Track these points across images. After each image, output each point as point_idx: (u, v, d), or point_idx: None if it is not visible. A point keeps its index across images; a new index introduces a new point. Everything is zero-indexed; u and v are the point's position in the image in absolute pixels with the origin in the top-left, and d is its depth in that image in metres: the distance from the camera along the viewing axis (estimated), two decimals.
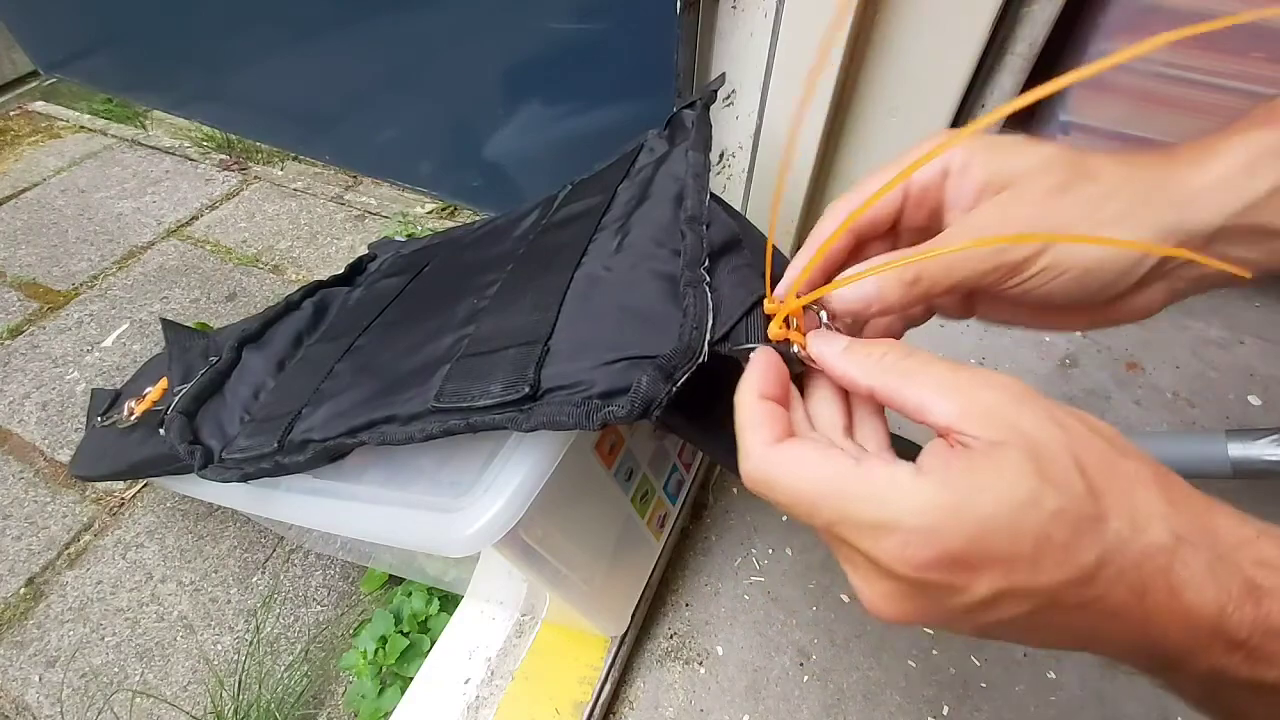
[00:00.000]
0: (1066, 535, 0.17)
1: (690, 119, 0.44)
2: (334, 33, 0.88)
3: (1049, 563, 0.17)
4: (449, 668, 0.51)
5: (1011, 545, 0.17)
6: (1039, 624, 0.19)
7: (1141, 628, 0.18)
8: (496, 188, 0.93)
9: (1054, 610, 0.18)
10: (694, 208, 0.36)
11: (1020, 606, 0.18)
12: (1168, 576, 0.18)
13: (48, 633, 0.61)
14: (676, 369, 0.27)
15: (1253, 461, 0.48)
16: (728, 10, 0.60)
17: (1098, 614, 0.18)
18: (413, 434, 0.32)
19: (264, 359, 0.51)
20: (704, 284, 0.30)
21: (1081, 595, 0.18)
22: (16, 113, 1.33)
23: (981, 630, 0.19)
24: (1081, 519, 0.18)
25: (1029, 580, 0.17)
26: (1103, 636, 0.19)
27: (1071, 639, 0.19)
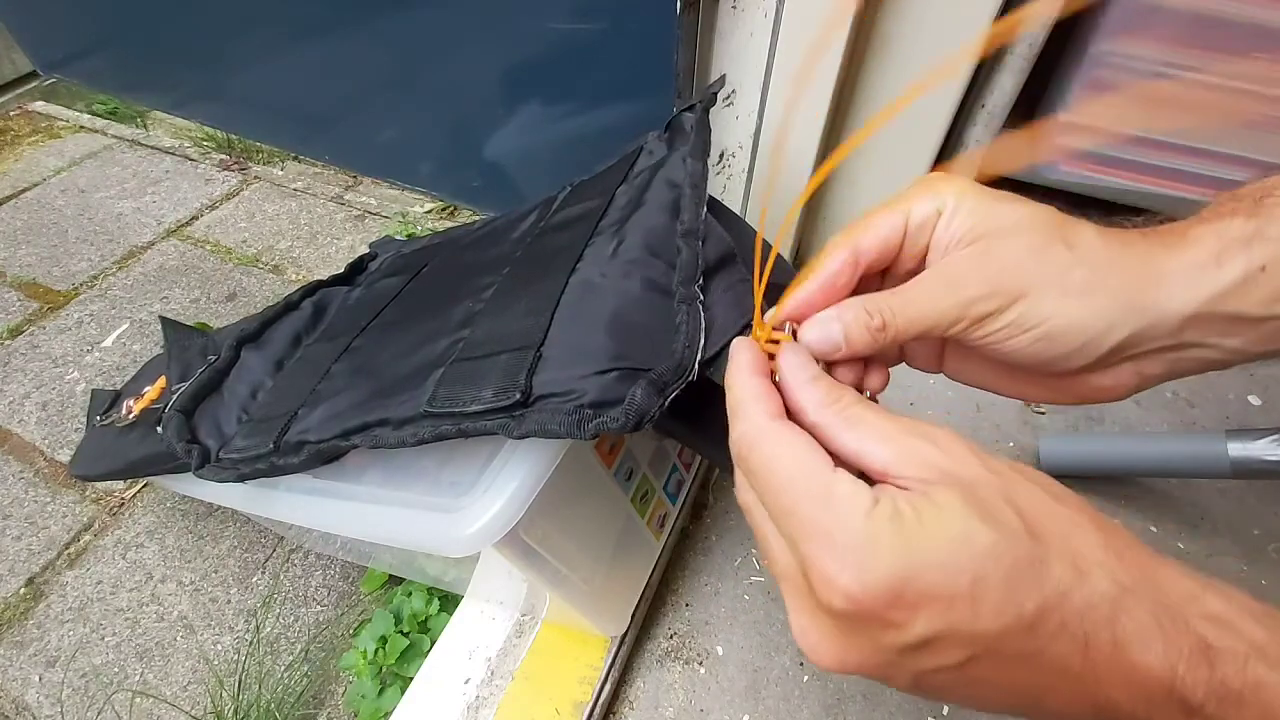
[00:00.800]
0: (1004, 575, 0.17)
1: (690, 122, 0.44)
2: (334, 33, 0.88)
3: (987, 605, 0.17)
4: (449, 668, 0.51)
5: (948, 582, 0.17)
6: (979, 678, 0.18)
7: (1088, 689, 0.17)
8: (496, 188, 0.93)
9: (994, 662, 0.17)
10: (690, 221, 0.36)
11: (958, 653, 0.17)
12: (1112, 629, 0.17)
13: (48, 633, 0.61)
14: (668, 385, 0.28)
15: (1253, 461, 0.48)
16: (728, 10, 0.60)
17: (1040, 670, 0.17)
18: (405, 438, 0.32)
19: (262, 359, 0.50)
20: (697, 301, 0.31)
21: (1022, 646, 0.17)
22: (16, 113, 1.33)
23: (919, 682, 0.19)
24: (1019, 560, 0.17)
25: (968, 623, 0.17)
26: (1048, 700, 0.18)
27: (1015, 699, 0.18)
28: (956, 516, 0.18)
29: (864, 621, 0.18)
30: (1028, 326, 0.23)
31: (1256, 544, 0.56)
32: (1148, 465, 0.57)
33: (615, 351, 0.30)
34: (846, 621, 0.18)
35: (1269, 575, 0.54)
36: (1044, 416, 0.67)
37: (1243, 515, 0.58)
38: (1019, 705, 0.19)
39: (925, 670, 0.18)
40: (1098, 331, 0.23)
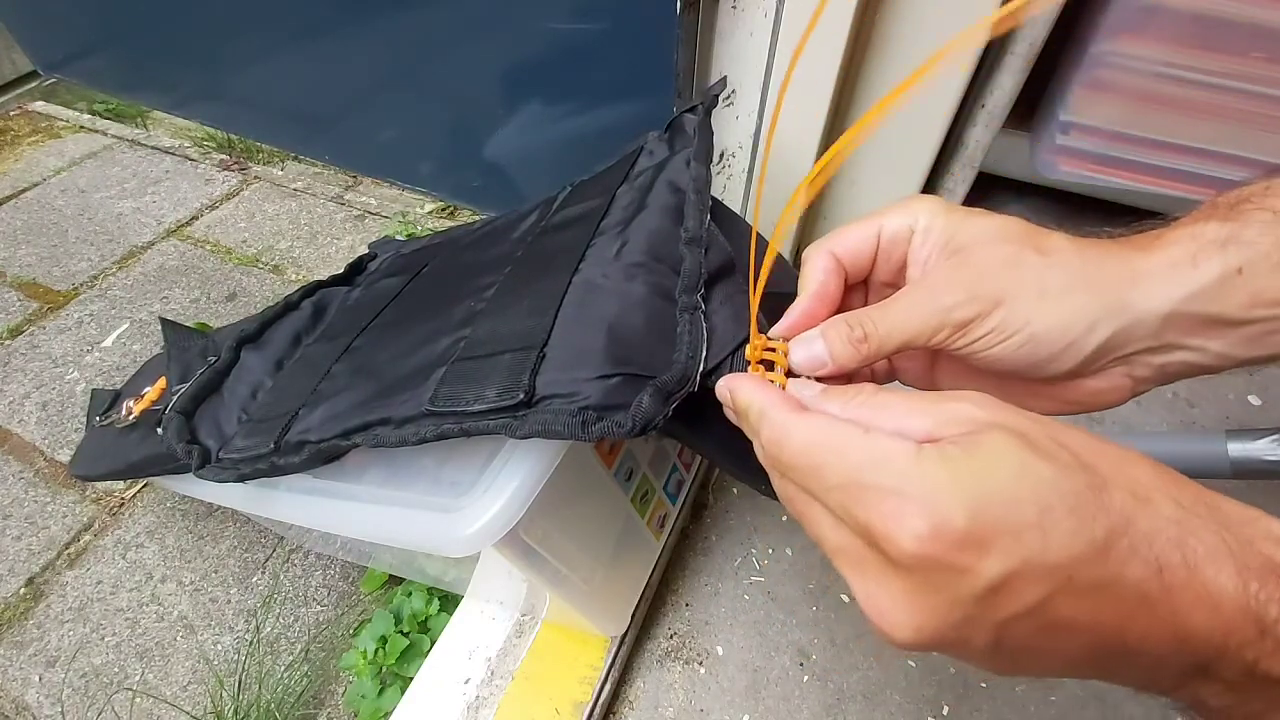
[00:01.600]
0: (1069, 503, 0.17)
1: (692, 124, 0.44)
2: (334, 33, 0.88)
3: (1057, 534, 0.17)
4: (449, 668, 0.51)
5: (1013, 514, 0.17)
6: (1059, 622, 0.17)
7: (1167, 618, 0.17)
8: (496, 188, 0.93)
9: (1072, 598, 0.17)
10: (695, 229, 0.36)
11: (1035, 591, 0.17)
12: (1182, 550, 0.17)
13: (48, 633, 0.61)
14: (673, 394, 0.28)
15: (1253, 461, 0.48)
16: (728, 10, 0.60)
17: (1117, 600, 0.17)
18: (406, 437, 0.32)
19: (262, 359, 0.50)
20: (699, 311, 0.31)
21: (1097, 575, 0.17)
22: (16, 113, 1.33)
23: (1001, 640, 0.18)
24: (1080, 488, 0.17)
25: (1040, 555, 0.17)
26: (1130, 637, 0.17)
27: (1097, 644, 0.18)
28: (1010, 452, 0.18)
29: (936, 571, 0.17)
30: (1010, 331, 0.24)
31: None
32: None
33: (618, 355, 0.30)
34: (918, 575, 0.18)
35: None
36: None
37: None
38: (1102, 652, 0.18)
39: (1005, 619, 0.17)
40: (1079, 332, 0.23)
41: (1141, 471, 0.18)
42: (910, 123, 0.65)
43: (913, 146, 0.67)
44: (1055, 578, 0.17)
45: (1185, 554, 0.17)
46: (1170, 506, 0.17)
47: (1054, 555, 0.17)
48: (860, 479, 0.19)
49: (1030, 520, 0.17)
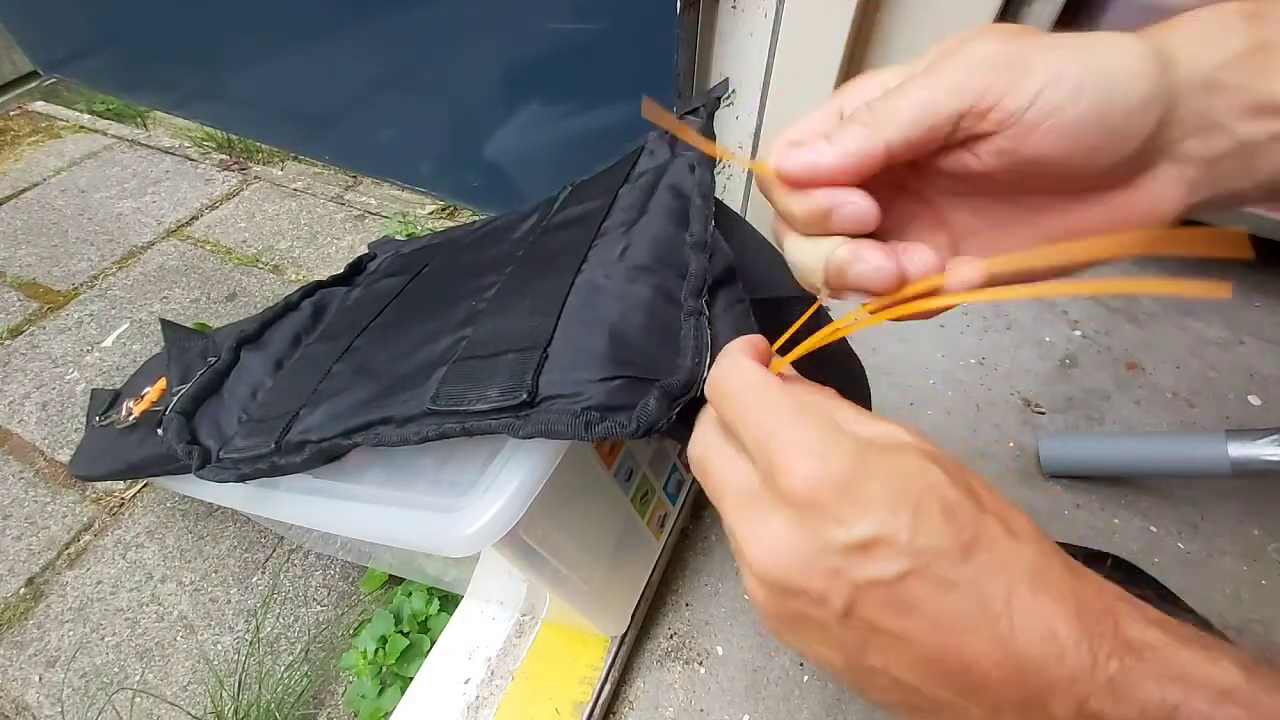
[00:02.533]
0: (947, 505, 0.19)
1: (695, 127, 0.44)
2: (334, 33, 0.88)
3: (928, 522, 0.18)
4: (449, 668, 0.51)
5: (896, 493, 0.19)
6: (910, 601, 0.18)
7: (1007, 637, 0.18)
8: (496, 188, 0.93)
9: (926, 583, 0.18)
10: (700, 234, 0.36)
11: (895, 564, 0.18)
12: (1033, 582, 0.18)
13: (48, 633, 0.61)
14: (677, 399, 0.28)
15: (1253, 461, 0.48)
16: (728, 10, 0.60)
17: (967, 604, 0.18)
18: (408, 436, 0.32)
19: (262, 359, 0.51)
20: (704, 316, 0.31)
21: (953, 573, 0.18)
22: (16, 113, 1.33)
23: (856, 601, 0.19)
24: (962, 499, 0.19)
25: (908, 533, 0.18)
26: (969, 652, 0.18)
27: (938, 653, 0.18)
28: (914, 457, 0.20)
29: (816, 513, 0.19)
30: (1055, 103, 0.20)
31: (1256, 544, 0.56)
32: (1148, 465, 0.57)
33: (621, 357, 0.30)
34: (799, 513, 0.20)
35: (1269, 575, 0.54)
36: (1044, 416, 0.67)
37: (1243, 515, 0.58)
38: (941, 664, 0.19)
39: (862, 582, 0.19)
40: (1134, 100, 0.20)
41: (1023, 522, 0.20)
42: None
43: None
44: (916, 559, 0.18)
45: (1035, 585, 0.18)
46: (1034, 552, 0.19)
47: (920, 539, 0.18)
48: (780, 427, 0.21)
49: (909, 503, 0.19)
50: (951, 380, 0.71)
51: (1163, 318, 0.75)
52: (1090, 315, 0.76)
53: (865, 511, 0.19)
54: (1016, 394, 0.69)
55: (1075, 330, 0.75)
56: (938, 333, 0.75)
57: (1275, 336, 0.72)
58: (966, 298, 0.22)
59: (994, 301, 0.22)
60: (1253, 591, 0.53)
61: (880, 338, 0.75)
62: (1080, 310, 0.77)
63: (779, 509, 0.20)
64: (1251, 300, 0.76)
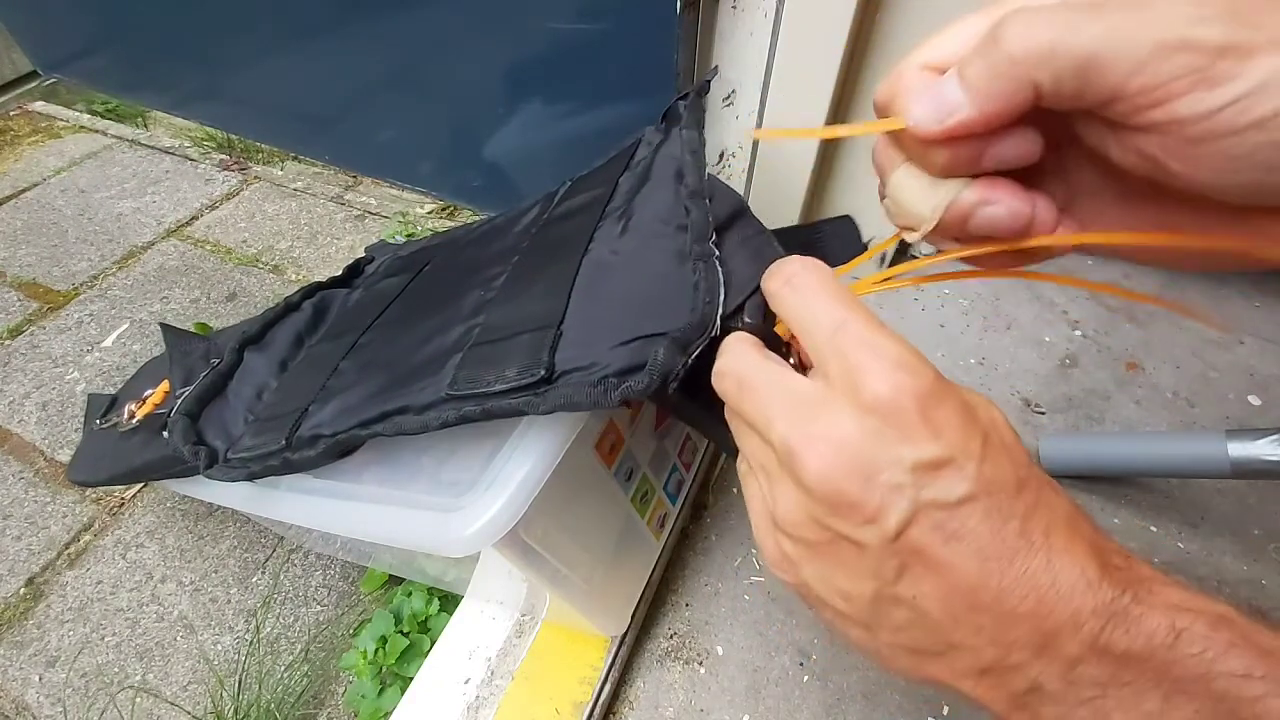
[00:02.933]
0: (1008, 444, 0.20)
1: (683, 107, 0.44)
2: (334, 33, 0.88)
3: (995, 454, 0.19)
4: (449, 668, 0.51)
5: (970, 420, 0.19)
6: (962, 530, 0.18)
7: (1040, 570, 0.18)
8: (496, 188, 0.93)
9: (982, 512, 0.18)
10: (694, 183, 0.35)
11: (962, 487, 0.18)
12: (1069, 528, 0.19)
13: (48, 633, 0.61)
14: (691, 342, 0.27)
15: (1253, 461, 0.48)
16: (728, 10, 0.60)
17: (1011, 537, 0.18)
18: (428, 422, 0.32)
19: (266, 360, 0.51)
20: (713, 258, 0.30)
21: (1010, 507, 0.18)
22: (16, 113, 1.33)
23: (912, 521, 0.18)
24: (1018, 444, 0.20)
25: (979, 460, 0.19)
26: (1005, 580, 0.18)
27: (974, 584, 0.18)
28: (982, 398, 0.21)
29: (896, 422, 0.19)
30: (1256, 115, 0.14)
31: (1256, 544, 0.56)
32: (1148, 465, 0.57)
33: (634, 322, 0.30)
34: (878, 420, 0.19)
35: (1269, 575, 0.54)
36: (1044, 416, 0.67)
37: (1243, 515, 0.58)
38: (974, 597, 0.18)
39: (925, 502, 0.18)
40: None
41: (1060, 487, 0.20)
42: None
43: None
44: (980, 484, 0.18)
45: (1071, 529, 0.19)
46: (1069, 502, 0.20)
47: (987, 469, 0.19)
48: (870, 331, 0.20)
49: (980, 432, 0.19)
50: (951, 380, 0.71)
51: (1163, 318, 0.75)
52: (1090, 315, 0.76)
53: (941, 431, 0.19)
54: (1016, 394, 0.69)
55: (1075, 330, 0.75)
56: (938, 332, 0.75)
57: (1275, 336, 0.72)
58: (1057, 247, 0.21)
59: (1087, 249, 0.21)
60: (1253, 591, 0.53)
61: None
62: (1080, 310, 0.77)
63: (853, 414, 0.19)
64: (1251, 300, 0.76)
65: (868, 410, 0.19)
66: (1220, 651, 0.16)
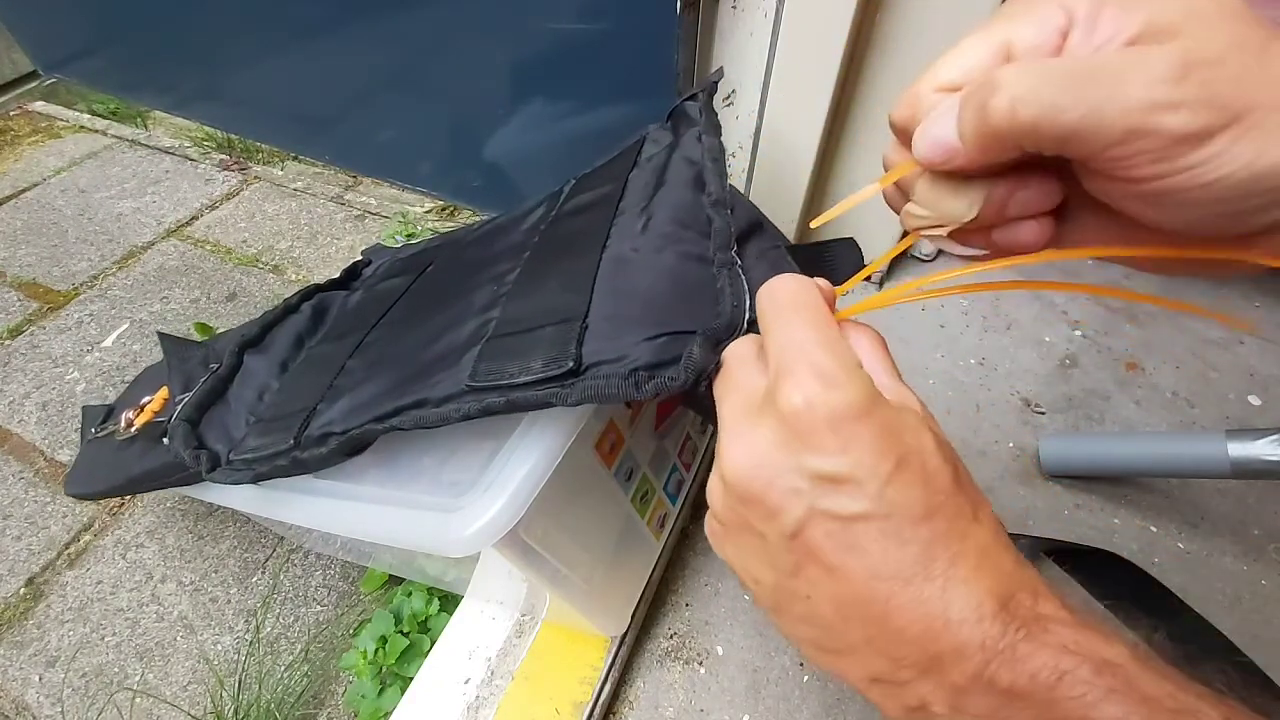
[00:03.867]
0: (927, 471, 0.20)
1: (695, 109, 0.45)
2: (334, 33, 0.88)
3: (906, 477, 0.19)
4: (449, 668, 0.51)
5: (886, 443, 0.20)
6: (858, 542, 0.19)
7: (935, 596, 0.19)
8: (497, 188, 0.93)
9: (876, 530, 0.19)
10: (717, 191, 0.36)
11: (858, 504, 0.19)
12: (976, 558, 0.19)
13: (48, 633, 0.61)
14: (721, 341, 0.28)
15: (1252, 461, 0.48)
16: (728, 10, 0.60)
17: (910, 560, 0.19)
18: (449, 415, 0.32)
19: (266, 362, 0.50)
20: (736, 266, 0.31)
21: (910, 533, 0.19)
22: (16, 113, 1.33)
23: (805, 525, 0.20)
24: (941, 472, 0.20)
25: (883, 483, 0.19)
26: (896, 600, 0.19)
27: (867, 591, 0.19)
28: (914, 419, 0.21)
29: (804, 433, 0.20)
30: (1234, 165, 0.16)
31: (1256, 544, 0.56)
32: (1148, 465, 0.57)
33: (661, 318, 0.31)
34: (789, 428, 0.20)
35: (1269, 575, 0.54)
36: (1044, 416, 0.67)
37: (1243, 515, 0.58)
38: (867, 605, 0.19)
39: (819, 510, 0.20)
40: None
41: (988, 513, 0.21)
42: None
43: None
44: (879, 506, 0.19)
45: (979, 563, 0.19)
46: (989, 538, 0.20)
47: (891, 492, 0.19)
48: (807, 345, 0.21)
49: (894, 456, 0.19)
50: (951, 380, 0.71)
51: (1163, 318, 0.75)
52: (1090, 315, 0.76)
53: (849, 448, 0.19)
54: (1016, 394, 0.69)
55: (1075, 330, 0.75)
56: (938, 332, 0.75)
57: (1275, 336, 0.72)
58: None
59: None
60: (1253, 591, 0.53)
61: None
62: (1080, 310, 0.77)
63: (769, 419, 0.21)
64: (1251, 300, 0.76)
65: (782, 418, 0.20)
66: (1099, 697, 0.17)
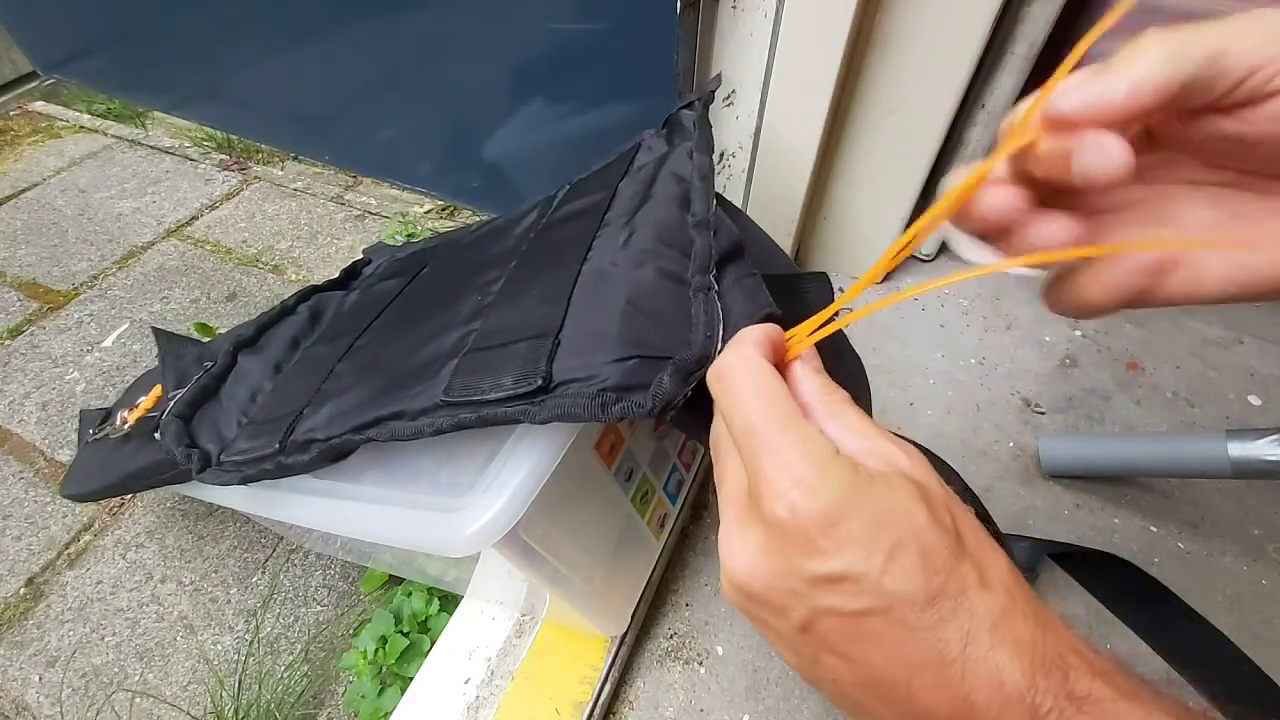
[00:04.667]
0: (924, 551, 0.19)
1: (690, 119, 0.44)
2: (334, 33, 0.88)
3: (900, 567, 0.19)
4: (449, 668, 0.51)
5: (877, 534, 0.19)
6: (865, 634, 0.19)
7: (956, 680, 0.18)
8: (496, 188, 0.93)
9: (885, 622, 0.19)
10: (701, 212, 0.36)
11: (859, 600, 0.19)
12: (992, 635, 0.18)
13: (48, 633, 0.61)
14: (691, 373, 0.28)
15: (1253, 461, 0.48)
16: (728, 10, 0.60)
17: (919, 646, 0.18)
18: (422, 428, 0.32)
19: (260, 363, 0.50)
20: (713, 291, 0.31)
21: (914, 618, 0.18)
22: (16, 113, 1.33)
23: (811, 623, 0.20)
24: (939, 544, 0.19)
25: (878, 575, 0.19)
26: (916, 684, 0.19)
27: (885, 677, 0.19)
28: (903, 493, 0.20)
29: (794, 540, 0.20)
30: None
31: (1256, 544, 0.56)
32: (1148, 465, 0.57)
33: (633, 338, 0.30)
34: (778, 536, 0.20)
35: (1269, 575, 0.54)
36: (1044, 416, 0.67)
37: (1243, 515, 0.58)
38: (887, 688, 0.19)
39: (822, 609, 0.19)
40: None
41: (1000, 567, 0.20)
42: (910, 123, 0.66)
43: (913, 146, 0.67)
44: (880, 599, 0.19)
45: (995, 635, 0.18)
46: (1002, 601, 0.19)
47: (889, 583, 0.19)
48: (776, 443, 0.21)
49: (885, 546, 0.19)
50: (951, 380, 0.71)
51: (1163, 317, 0.75)
52: None
53: (841, 548, 0.19)
54: (1016, 394, 0.69)
55: (1075, 330, 0.75)
56: (938, 332, 0.75)
57: (1275, 336, 0.72)
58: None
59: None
60: (1253, 591, 0.53)
61: (880, 337, 0.75)
62: None
63: (758, 526, 0.21)
64: None
65: (769, 526, 0.20)
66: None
